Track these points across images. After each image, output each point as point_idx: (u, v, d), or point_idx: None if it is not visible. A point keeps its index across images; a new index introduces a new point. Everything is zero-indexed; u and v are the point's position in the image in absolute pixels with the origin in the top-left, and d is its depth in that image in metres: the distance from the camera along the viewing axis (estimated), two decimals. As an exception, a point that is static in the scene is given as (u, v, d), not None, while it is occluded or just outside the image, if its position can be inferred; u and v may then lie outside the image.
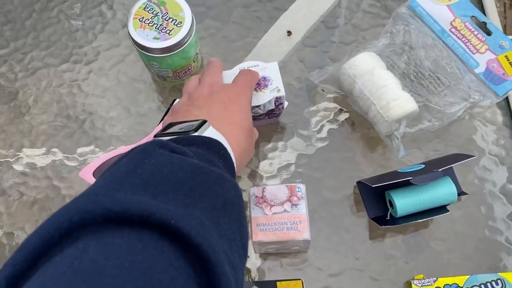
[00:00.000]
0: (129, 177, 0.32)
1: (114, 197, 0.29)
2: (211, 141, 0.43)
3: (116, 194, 0.30)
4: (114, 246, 0.27)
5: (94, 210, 0.28)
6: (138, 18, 0.60)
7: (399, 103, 0.58)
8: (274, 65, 0.59)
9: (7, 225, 0.62)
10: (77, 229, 0.28)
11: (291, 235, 0.53)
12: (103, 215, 0.28)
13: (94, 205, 0.28)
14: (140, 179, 0.32)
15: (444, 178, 0.57)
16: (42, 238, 0.27)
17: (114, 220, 0.28)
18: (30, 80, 0.69)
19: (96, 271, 0.26)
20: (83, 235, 0.28)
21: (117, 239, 0.28)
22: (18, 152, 0.65)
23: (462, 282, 0.55)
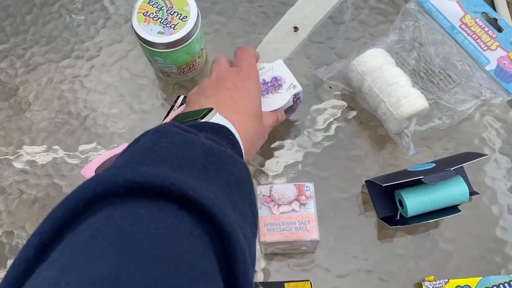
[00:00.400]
0: (148, 153, 0.34)
1: (135, 169, 0.31)
2: (219, 126, 0.44)
3: (137, 167, 0.32)
4: (138, 215, 0.29)
5: (116, 181, 0.29)
6: (142, 12, 0.58)
7: (410, 100, 0.57)
8: (280, 63, 0.58)
9: (6, 223, 0.61)
10: (101, 200, 0.29)
11: (300, 235, 0.52)
12: (125, 186, 0.29)
13: (116, 176, 0.30)
14: (158, 155, 0.34)
15: (456, 178, 0.56)
16: (67, 208, 0.28)
17: (135, 191, 0.30)
18: (30, 76, 0.68)
19: (123, 235, 0.27)
20: (106, 206, 0.29)
21: (140, 208, 0.29)
22: (18, 150, 0.64)
23: (474, 284, 0.54)
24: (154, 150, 0.35)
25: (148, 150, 0.35)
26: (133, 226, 0.28)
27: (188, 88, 0.66)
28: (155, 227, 0.28)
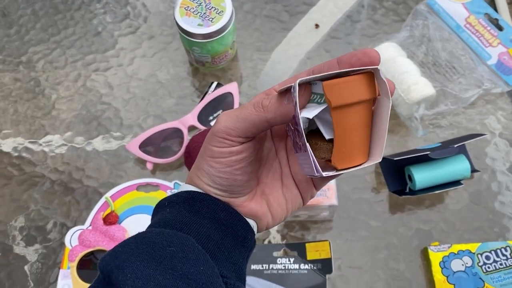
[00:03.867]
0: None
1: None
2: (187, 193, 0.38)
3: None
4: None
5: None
6: (184, 7, 0.66)
7: (419, 87, 0.64)
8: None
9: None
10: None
11: (321, 200, 0.59)
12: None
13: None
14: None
15: (459, 155, 0.63)
16: None
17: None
18: (79, 64, 0.76)
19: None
20: None
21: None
22: (66, 130, 0.72)
23: (474, 248, 0.61)
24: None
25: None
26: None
27: (219, 76, 0.74)
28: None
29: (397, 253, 0.63)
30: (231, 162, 0.35)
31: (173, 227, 0.35)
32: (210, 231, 0.35)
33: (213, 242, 0.35)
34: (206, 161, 0.36)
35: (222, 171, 0.36)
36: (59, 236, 0.66)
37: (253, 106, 0.34)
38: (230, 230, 0.36)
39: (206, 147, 0.36)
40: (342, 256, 0.63)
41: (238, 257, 0.37)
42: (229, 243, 0.36)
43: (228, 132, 0.34)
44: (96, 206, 0.66)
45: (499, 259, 0.60)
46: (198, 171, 0.37)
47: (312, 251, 0.61)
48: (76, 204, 0.68)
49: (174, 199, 0.37)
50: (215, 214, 0.36)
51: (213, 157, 0.35)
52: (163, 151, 0.68)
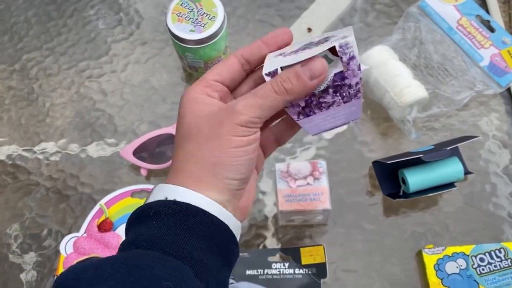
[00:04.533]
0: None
1: None
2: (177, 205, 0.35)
3: None
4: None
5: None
6: (176, 13, 0.66)
7: (411, 90, 0.65)
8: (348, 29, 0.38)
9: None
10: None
11: (314, 205, 0.59)
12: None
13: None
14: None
15: (452, 158, 0.63)
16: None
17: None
18: (72, 72, 0.76)
19: None
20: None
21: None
22: (61, 136, 0.72)
23: (468, 250, 0.61)
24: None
25: None
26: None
27: (213, 81, 0.74)
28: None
29: (392, 256, 0.63)
30: (254, 149, 0.37)
31: (165, 249, 0.33)
32: (203, 254, 0.34)
33: (206, 268, 0.34)
34: (230, 153, 0.36)
35: (248, 159, 0.36)
36: (54, 243, 0.66)
37: (276, 92, 0.35)
38: (220, 248, 0.35)
39: (228, 139, 0.36)
40: (337, 260, 0.63)
41: (225, 277, 0.36)
42: (219, 264, 0.35)
43: (254, 121, 0.36)
44: (90, 213, 0.66)
45: (494, 261, 0.60)
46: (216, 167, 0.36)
47: (307, 255, 0.61)
48: (70, 212, 0.68)
49: (163, 210, 0.34)
50: (208, 231, 0.34)
51: (240, 147, 0.36)
52: (157, 157, 0.68)
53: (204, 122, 0.37)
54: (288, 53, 0.38)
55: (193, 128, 0.38)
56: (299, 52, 0.37)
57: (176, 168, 0.38)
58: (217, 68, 0.40)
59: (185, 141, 0.38)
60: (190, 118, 0.38)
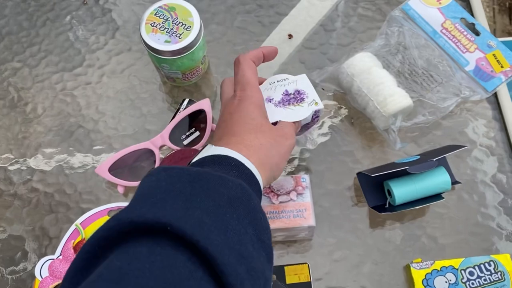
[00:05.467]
0: (134, 197, 0.39)
1: (120, 216, 0.35)
2: (218, 157, 0.45)
3: (121, 214, 0.35)
4: (135, 253, 0.33)
5: (113, 227, 0.34)
6: (150, 23, 0.64)
7: (395, 98, 0.62)
8: (304, 78, 0.58)
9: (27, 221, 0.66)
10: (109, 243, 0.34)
11: (297, 222, 0.57)
12: (121, 229, 0.34)
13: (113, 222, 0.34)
14: (140, 194, 0.38)
15: (439, 168, 0.61)
16: (83, 256, 0.34)
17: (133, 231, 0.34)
18: (46, 84, 0.73)
19: (122, 275, 0.31)
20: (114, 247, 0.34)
21: (138, 247, 0.33)
22: (35, 152, 0.69)
23: (457, 264, 0.59)
24: (140, 192, 0.38)
25: (138, 192, 0.39)
26: (131, 264, 0.32)
27: (192, 91, 0.72)
28: (152, 260, 0.32)
29: (380, 271, 0.61)
30: None
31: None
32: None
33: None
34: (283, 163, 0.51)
35: None
36: (30, 266, 0.63)
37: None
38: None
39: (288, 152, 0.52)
40: (323, 276, 0.61)
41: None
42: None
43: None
44: (66, 234, 0.64)
45: (483, 275, 0.58)
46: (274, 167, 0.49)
47: (291, 274, 0.59)
48: (45, 232, 0.65)
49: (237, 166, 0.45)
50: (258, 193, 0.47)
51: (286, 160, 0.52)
52: (134, 174, 0.65)
53: (273, 129, 0.51)
54: (276, 102, 0.57)
55: (265, 127, 0.50)
56: (286, 106, 0.56)
57: (250, 147, 0.47)
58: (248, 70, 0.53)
59: (259, 134, 0.49)
60: (262, 119, 0.51)
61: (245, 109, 0.50)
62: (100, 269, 0.32)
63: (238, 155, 0.45)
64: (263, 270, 0.38)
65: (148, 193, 0.38)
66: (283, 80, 0.58)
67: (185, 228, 0.33)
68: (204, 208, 0.37)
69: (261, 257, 0.39)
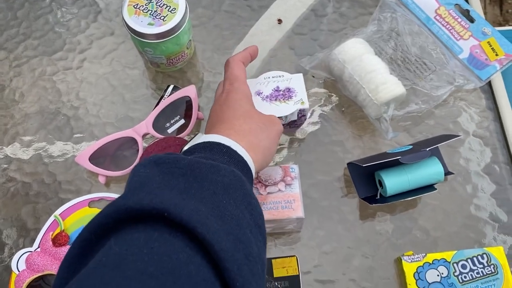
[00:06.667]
0: (133, 184, 0.39)
1: (117, 203, 0.34)
2: (210, 144, 0.46)
3: (118, 201, 0.35)
4: (133, 239, 0.33)
5: (109, 214, 0.34)
6: (133, 5, 0.61)
7: (388, 86, 0.60)
8: (299, 77, 0.60)
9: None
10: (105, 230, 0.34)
11: (286, 214, 0.55)
12: (117, 217, 0.34)
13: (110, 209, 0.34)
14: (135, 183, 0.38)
15: (431, 158, 0.60)
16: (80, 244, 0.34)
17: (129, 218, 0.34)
18: (24, 69, 0.70)
19: (120, 260, 0.31)
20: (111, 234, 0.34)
21: (135, 233, 0.33)
22: (12, 140, 0.66)
23: (449, 257, 0.57)
24: (135, 181, 0.38)
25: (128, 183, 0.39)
26: (129, 249, 0.32)
27: (177, 78, 0.69)
28: (150, 246, 0.32)
29: (370, 264, 0.59)
30: None
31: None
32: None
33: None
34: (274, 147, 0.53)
35: None
36: (7, 259, 0.61)
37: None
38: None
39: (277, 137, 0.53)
40: (312, 269, 0.59)
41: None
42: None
43: None
44: (45, 225, 0.61)
45: (476, 268, 0.57)
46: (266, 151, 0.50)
47: (279, 267, 0.57)
48: (23, 224, 0.62)
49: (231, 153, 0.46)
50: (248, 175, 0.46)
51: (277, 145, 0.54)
52: (116, 163, 0.63)
53: (261, 115, 0.52)
54: (264, 96, 0.59)
55: (253, 113, 0.52)
56: (272, 101, 0.59)
57: (240, 132, 0.48)
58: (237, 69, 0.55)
59: (248, 119, 0.50)
60: (249, 107, 0.52)
61: (233, 99, 0.53)
62: (99, 256, 0.32)
63: (228, 141, 0.46)
64: (260, 254, 0.38)
65: (143, 183, 0.38)
66: (278, 77, 0.61)
67: (182, 215, 0.33)
68: (199, 197, 0.37)
69: (258, 241, 0.39)
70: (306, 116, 0.62)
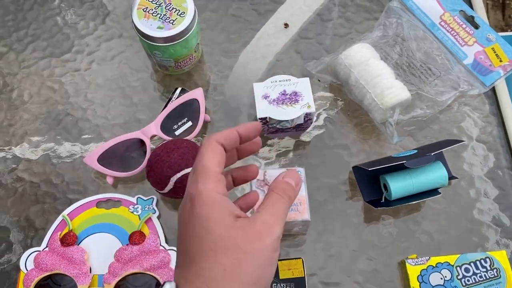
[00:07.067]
0: None
1: None
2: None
3: None
4: None
5: None
6: (142, 8, 0.62)
7: (393, 91, 0.61)
8: (305, 81, 0.62)
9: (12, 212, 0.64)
10: None
11: (292, 216, 0.56)
12: None
13: None
14: None
15: (436, 163, 0.60)
16: None
17: None
18: (33, 70, 0.71)
19: None
20: None
21: None
22: (21, 140, 0.67)
23: (453, 260, 0.58)
24: None
25: None
26: None
27: (184, 80, 0.70)
28: None
29: (374, 267, 0.60)
30: None
31: None
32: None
33: None
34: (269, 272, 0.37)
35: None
36: (14, 258, 0.61)
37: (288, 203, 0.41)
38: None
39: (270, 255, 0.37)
40: (317, 272, 0.60)
41: None
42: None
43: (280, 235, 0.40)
44: (53, 225, 0.62)
45: (479, 271, 0.57)
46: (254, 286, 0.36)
47: (285, 269, 0.57)
48: (31, 223, 0.63)
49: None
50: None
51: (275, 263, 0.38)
52: (124, 164, 0.63)
53: (240, 235, 0.36)
54: (271, 100, 0.61)
55: (227, 240, 0.36)
56: (279, 104, 0.60)
57: (211, 281, 0.35)
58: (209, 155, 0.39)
59: (219, 255, 0.35)
60: (221, 229, 0.36)
61: (197, 217, 0.37)
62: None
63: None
64: None
65: None
66: (285, 81, 0.62)
67: None
68: None
69: None
70: (312, 119, 0.62)
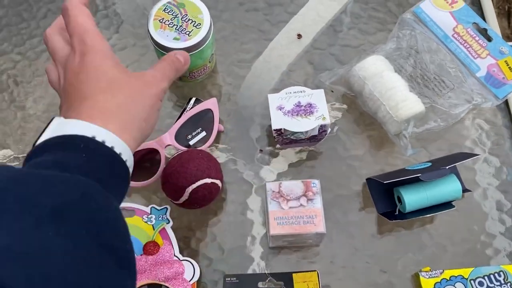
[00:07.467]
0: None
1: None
2: (63, 139, 0.37)
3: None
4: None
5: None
6: (159, 19, 0.62)
7: (408, 104, 0.61)
8: (320, 92, 0.62)
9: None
10: None
11: (307, 229, 0.56)
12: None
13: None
14: None
15: (450, 176, 0.61)
16: None
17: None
18: (46, 78, 0.71)
19: None
20: None
21: None
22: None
23: (467, 274, 0.58)
24: None
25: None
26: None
27: (197, 90, 0.70)
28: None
29: (388, 279, 0.60)
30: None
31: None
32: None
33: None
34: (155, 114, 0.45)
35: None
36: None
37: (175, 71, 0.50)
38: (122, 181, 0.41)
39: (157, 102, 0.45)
40: (331, 283, 0.60)
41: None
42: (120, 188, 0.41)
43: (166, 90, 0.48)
44: (67, 234, 0.62)
45: (493, 285, 0.58)
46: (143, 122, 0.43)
47: (300, 282, 0.57)
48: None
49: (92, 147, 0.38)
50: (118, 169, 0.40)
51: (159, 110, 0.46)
52: (138, 174, 0.64)
53: (133, 80, 0.43)
54: (286, 111, 0.61)
55: (122, 81, 0.42)
56: (294, 116, 0.61)
57: (106, 110, 0.40)
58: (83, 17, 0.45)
59: (115, 91, 0.41)
60: (116, 72, 0.43)
61: (91, 64, 0.42)
62: None
63: (90, 129, 0.38)
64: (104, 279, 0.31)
65: None
66: (299, 92, 0.62)
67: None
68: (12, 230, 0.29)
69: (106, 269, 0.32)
70: (327, 131, 0.63)
